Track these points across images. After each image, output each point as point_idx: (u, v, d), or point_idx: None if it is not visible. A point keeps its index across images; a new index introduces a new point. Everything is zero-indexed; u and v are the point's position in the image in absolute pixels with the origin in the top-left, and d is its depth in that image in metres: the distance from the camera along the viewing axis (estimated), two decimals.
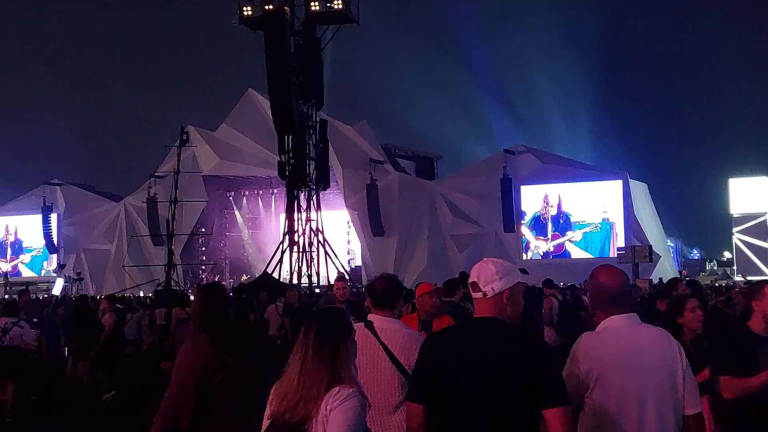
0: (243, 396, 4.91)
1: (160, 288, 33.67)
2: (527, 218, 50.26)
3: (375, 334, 4.74)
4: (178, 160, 35.76)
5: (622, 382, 3.81)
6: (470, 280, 3.79)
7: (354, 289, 32.51)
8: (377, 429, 4.43)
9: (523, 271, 12.45)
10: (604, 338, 3.95)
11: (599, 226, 49.14)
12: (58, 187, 57.53)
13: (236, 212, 57.31)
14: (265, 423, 3.72)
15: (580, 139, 71.92)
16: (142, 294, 39.54)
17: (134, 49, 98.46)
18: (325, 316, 3.78)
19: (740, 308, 16.98)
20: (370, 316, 5.04)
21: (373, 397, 3.96)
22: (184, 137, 36.33)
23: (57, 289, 20.62)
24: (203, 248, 55.69)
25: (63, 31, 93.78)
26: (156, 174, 51.77)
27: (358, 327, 4.51)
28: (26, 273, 59.28)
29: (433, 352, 3.74)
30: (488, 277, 3.74)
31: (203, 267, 54.46)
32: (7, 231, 60.34)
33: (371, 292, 5.25)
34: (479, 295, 3.73)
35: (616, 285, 4.04)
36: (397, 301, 5.26)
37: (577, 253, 49.16)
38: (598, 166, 51.59)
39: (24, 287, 25.27)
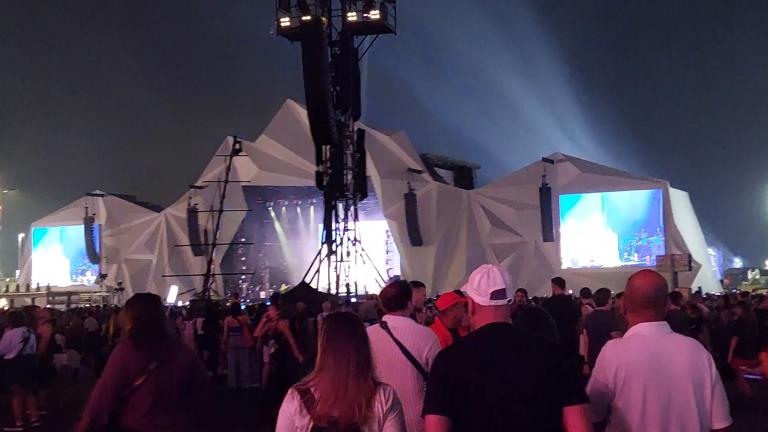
0: (163, 396, 5.22)
1: (195, 298, 33.97)
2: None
3: (389, 332, 5.34)
4: (228, 169, 36.15)
5: (645, 391, 3.77)
6: (497, 288, 3.75)
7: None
8: None
9: (558, 281, 12.37)
10: (631, 345, 3.91)
11: (635, 235, 48.61)
12: (99, 197, 58.26)
13: (275, 222, 57.63)
14: (303, 424, 3.69)
15: (621, 147, 71.24)
16: (180, 303, 39.87)
17: (174, 60, 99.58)
18: (360, 321, 3.90)
19: None
20: (384, 317, 5.58)
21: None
22: (237, 146, 36.64)
23: (172, 298, 21.23)
24: (243, 258, 56.10)
25: (103, 44, 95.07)
26: (196, 185, 52.32)
27: (375, 327, 5.36)
28: (65, 283, 59.93)
29: (451, 361, 3.72)
30: (511, 285, 3.81)
31: (243, 276, 54.86)
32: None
33: (383, 297, 5.77)
34: (504, 302, 3.74)
35: (649, 287, 4.00)
36: (407, 303, 5.69)
37: (615, 261, 48.68)
38: (638, 174, 51.01)
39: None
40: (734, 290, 34.82)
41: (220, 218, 35.88)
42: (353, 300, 27.50)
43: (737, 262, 60.87)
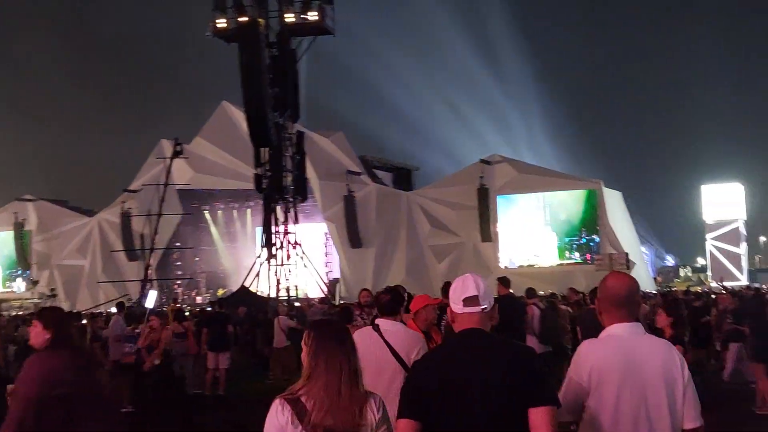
0: (83, 404, 5.24)
1: (132, 305, 33.33)
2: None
3: (380, 334, 5.75)
4: (168, 172, 35.48)
5: (619, 391, 3.83)
6: (469, 294, 3.81)
7: (332, 302, 32.53)
8: None
9: (504, 280, 12.47)
10: (605, 346, 3.97)
11: (575, 234, 49.27)
12: (30, 202, 56.88)
13: (211, 226, 56.96)
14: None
15: (556, 149, 72.24)
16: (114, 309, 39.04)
17: (107, 62, 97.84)
18: (345, 328, 3.90)
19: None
20: (377, 321, 6.05)
21: (375, 387, 4.15)
22: (178, 148, 36.07)
23: (150, 303, 20.88)
24: (179, 263, 55.34)
25: (32, 45, 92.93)
26: (130, 188, 51.46)
27: (368, 330, 5.89)
28: None
29: (423, 368, 3.82)
30: (487, 292, 3.85)
31: (179, 282, 54.07)
32: None
33: (378, 302, 6.35)
34: (478, 309, 3.79)
35: (623, 289, 4.06)
36: (399, 308, 6.23)
37: (554, 260, 49.29)
38: (573, 175, 51.74)
39: None
40: (674, 288, 35.44)
41: (158, 222, 35.25)
42: (297, 304, 27.21)
43: (669, 260, 62.10)
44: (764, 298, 17.71)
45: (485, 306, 3.79)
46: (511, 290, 13.60)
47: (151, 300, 21.75)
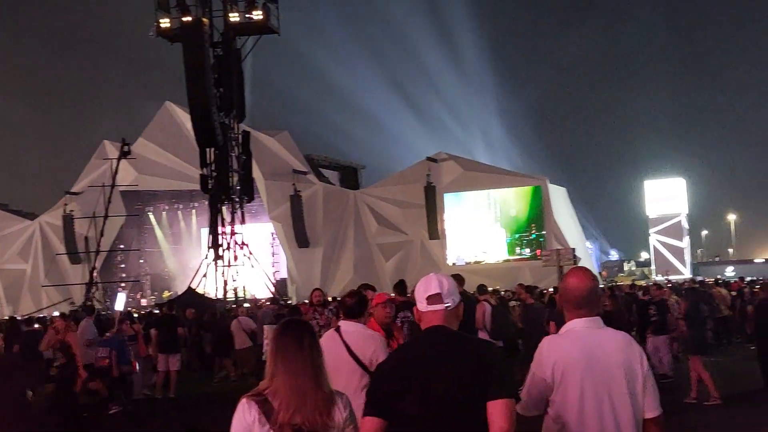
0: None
1: (76, 309, 32.83)
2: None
3: (340, 335, 6.17)
4: (115, 173, 34.96)
5: (582, 384, 3.89)
6: (433, 292, 3.87)
7: (281, 302, 32.39)
8: None
9: (458, 277, 12.64)
10: (567, 340, 4.03)
11: (524, 230, 49.75)
12: None
13: (156, 227, 56.31)
14: None
15: (502, 146, 72.89)
16: (57, 313, 38.44)
17: (48, 62, 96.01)
18: (309, 327, 3.86)
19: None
20: (340, 323, 6.48)
21: (335, 384, 4.15)
22: (126, 149, 35.53)
23: (120, 305, 20.59)
24: (122, 265, 54.61)
25: None
26: (73, 191, 50.64)
27: (330, 331, 6.33)
28: None
29: (387, 365, 3.90)
30: (450, 290, 3.90)
31: (123, 284, 53.35)
32: None
33: (342, 305, 6.68)
34: (441, 306, 3.84)
35: (584, 287, 4.11)
36: (363, 311, 6.60)
37: (503, 256, 49.70)
38: (518, 172, 52.29)
39: None
40: (619, 283, 35.96)
41: (105, 224, 34.71)
42: (246, 305, 27.00)
43: (613, 255, 62.97)
44: (699, 292, 18.14)
45: (448, 304, 3.84)
46: (462, 287, 13.68)
47: (120, 302, 21.59)
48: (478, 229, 49.96)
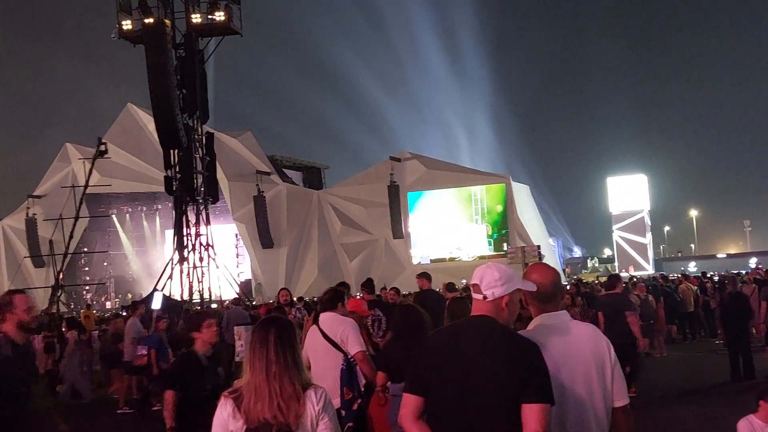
0: None
1: (38, 314, 32.56)
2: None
3: (317, 323, 7.34)
4: (89, 173, 34.68)
5: (556, 377, 3.90)
6: (472, 282, 3.97)
7: (247, 302, 32.41)
8: (318, 382, 4.63)
9: (426, 275, 12.83)
10: (537, 335, 4.04)
11: (485, 227, 50.16)
12: None
13: (119, 230, 55.95)
14: (237, 427, 3.73)
15: (464, 145, 73.30)
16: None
17: (9, 61, 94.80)
18: (279, 324, 3.93)
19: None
20: (320, 314, 7.46)
21: (318, 365, 5.59)
22: (103, 148, 35.23)
23: (157, 304, 20.51)
24: (86, 268, 54.19)
25: None
26: (36, 194, 50.20)
27: (312, 326, 7.47)
28: None
29: (428, 347, 3.96)
30: (490, 282, 3.92)
31: (87, 287, 52.98)
32: None
33: (321, 300, 7.72)
34: (480, 297, 3.92)
35: (548, 282, 4.18)
36: (337, 303, 7.50)
37: (476, 253, 49.90)
38: (481, 170, 52.68)
39: None
40: (585, 280, 36.32)
41: (75, 226, 34.42)
42: (214, 306, 26.98)
43: (576, 252, 63.46)
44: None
45: (486, 295, 3.89)
46: (431, 285, 13.89)
47: (157, 301, 21.50)
48: (452, 227, 50.13)
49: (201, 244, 35.20)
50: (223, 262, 38.12)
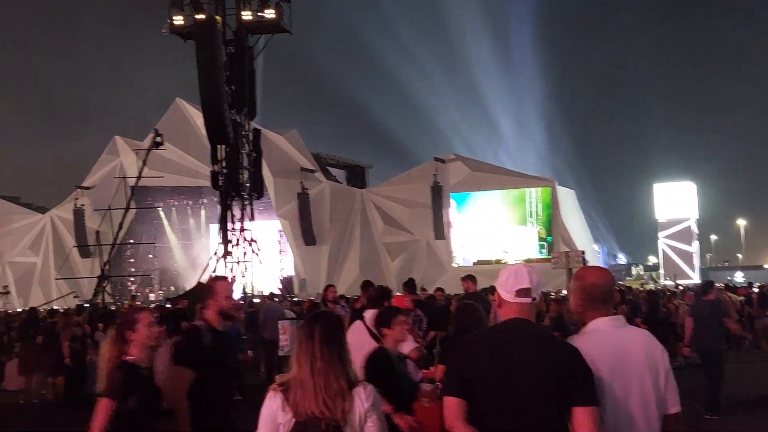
0: None
1: (81, 303, 33.05)
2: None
3: (364, 322, 7.48)
4: (143, 164, 35.29)
5: (611, 383, 3.94)
6: (522, 286, 3.95)
7: (289, 298, 32.64)
8: None
9: (471, 278, 12.80)
10: (592, 340, 4.05)
11: (537, 230, 49.82)
12: None
13: (165, 223, 56.60)
14: (285, 420, 3.80)
15: (510, 147, 72.93)
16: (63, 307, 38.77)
17: (61, 55, 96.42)
18: (326, 320, 4.00)
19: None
20: (365, 312, 7.62)
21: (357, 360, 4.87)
22: (159, 139, 35.77)
23: (236, 295, 21.11)
24: (132, 260, 54.89)
25: None
26: (84, 185, 50.98)
27: (357, 322, 7.53)
28: None
29: (468, 349, 3.95)
30: (538, 284, 4.01)
31: (132, 279, 53.70)
32: None
33: (367, 296, 8.37)
34: (528, 300, 3.95)
35: (605, 284, 4.18)
36: (383, 301, 7.76)
37: (524, 256, 49.51)
38: (527, 174, 52.37)
39: None
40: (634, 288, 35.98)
41: (125, 217, 34.92)
42: (256, 301, 27.21)
43: (621, 258, 62.83)
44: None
45: (535, 297, 3.94)
46: (476, 287, 13.87)
47: (236, 293, 21.71)
48: (498, 229, 49.80)
49: (245, 239, 35.58)
50: (265, 257, 38.46)
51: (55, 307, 34.94)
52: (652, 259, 62.86)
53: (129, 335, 5.15)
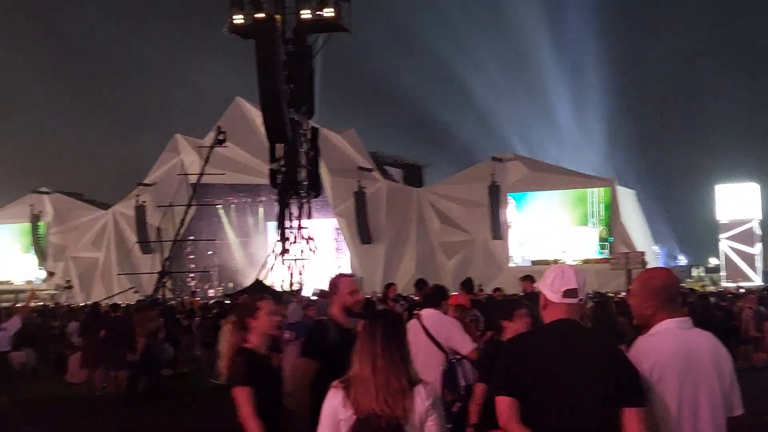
0: None
1: (142, 298, 33.57)
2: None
3: (420, 321, 7.16)
4: (206, 161, 35.82)
5: (680, 385, 3.93)
6: (570, 287, 3.95)
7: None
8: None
9: (530, 278, 12.69)
10: (661, 341, 4.04)
11: (598, 231, 49.29)
12: (46, 195, 57.35)
13: (224, 220, 57.26)
14: (346, 417, 3.83)
15: (568, 147, 72.12)
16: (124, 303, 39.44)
17: (121, 54, 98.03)
18: (387, 318, 4.04)
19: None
20: (421, 311, 7.38)
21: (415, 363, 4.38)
22: (221, 137, 36.30)
23: (307, 291, 21.53)
24: (191, 256, 55.62)
25: (57, 35, 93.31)
26: (146, 182, 51.83)
27: (412, 321, 7.19)
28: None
29: (519, 350, 3.97)
30: (584, 285, 4.01)
31: (192, 275, 54.44)
32: None
33: (423, 296, 7.78)
34: (575, 300, 3.95)
35: (673, 285, 4.19)
36: (441, 301, 7.46)
37: (581, 256, 49.02)
38: (586, 173, 51.78)
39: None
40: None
41: (186, 213, 35.45)
42: (313, 298, 27.35)
43: (681, 260, 61.78)
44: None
45: (582, 297, 3.95)
46: (534, 287, 13.78)
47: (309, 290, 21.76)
48: (557, 229, 49.39)
49: (302, 236, 35.85)
50: (322, 255, 38.70)
51: (117, 302, 35.62)
52: (712, 261, 61.58)
53: (250, 323, 5.13)
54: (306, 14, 35.28)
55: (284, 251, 34.99)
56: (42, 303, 34.68)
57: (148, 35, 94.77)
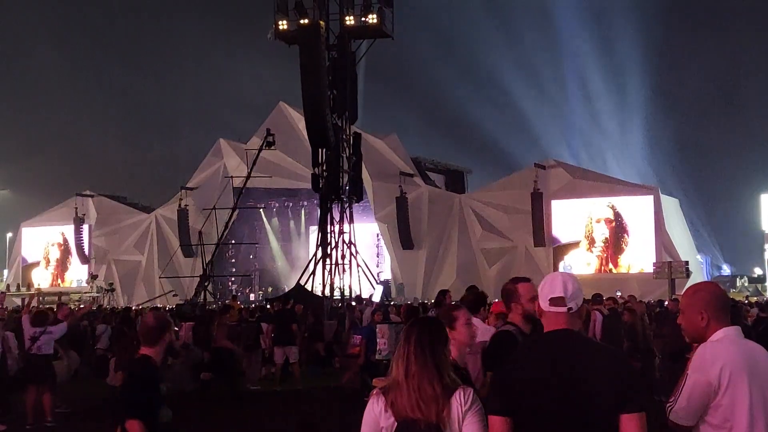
0: None
1: (182, 302, 33.84)
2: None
3: None
4: (254, 163, 36.24)
5: (750, 389, 3.91)
6: (555, 295, 3.87)
7: (386, 301, 32.80)
8: None
9: None
10: (728, 345, 4.02)
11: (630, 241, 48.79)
12: (89, 198, 58.10)
13: (266, 224, 57.59)
14: (388, 423, 3.86)
15: (612, 154, 71.50)
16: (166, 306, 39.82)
17: (166, 59, 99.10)
18: (425, 325, 4.07)
19: None
20: None
21: None
22: (270, 139, 36.72)
23: (377, 297, 21.85)
24: (233, 260, 55.99)
25: (101, 40, 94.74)
26: (188, 186, 52.28)
27: None
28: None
29: (512, 365, 3.89)
30: (575, 293, 3.89)
31: (233, 279, 54.80)
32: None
33: (463, 300, 7.56)
34: (563, 309, 3.85)
35: (722, 293, 4.23)
36: (480, 307, 7.68)
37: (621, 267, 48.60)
38: (629, 181, 51.28)
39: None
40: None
41: (230, 217, 35.76)
42: (353, 304, 27.44)
43: (725, 270, 60.97)
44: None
45: (571, 307, 3.83)
46: None
47: (377, 295, 22.25)
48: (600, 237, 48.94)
49: (344, 241, 35.90)
50: (363, 260, 38.72)
51: (158, 305, 35.98)
52: (757, 271, 60.66)
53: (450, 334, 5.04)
54: (350, 20, 35.46)
55: (325, 256, 35.04)
56: (80, 305, 35.07)
57: (193, 41, 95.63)
